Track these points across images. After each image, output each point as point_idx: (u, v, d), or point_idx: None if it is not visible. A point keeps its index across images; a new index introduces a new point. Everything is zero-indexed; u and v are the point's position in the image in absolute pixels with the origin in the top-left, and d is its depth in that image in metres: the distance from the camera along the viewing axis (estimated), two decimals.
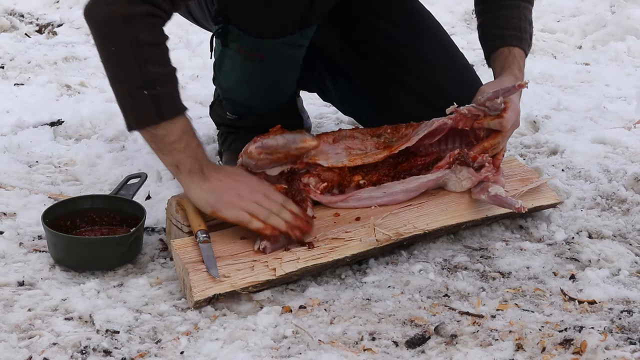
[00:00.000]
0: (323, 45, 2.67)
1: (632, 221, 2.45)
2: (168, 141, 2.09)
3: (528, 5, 2.55)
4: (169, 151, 2.10)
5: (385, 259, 2.24)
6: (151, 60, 2.05)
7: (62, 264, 2.19)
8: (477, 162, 2.34)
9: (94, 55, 3.84)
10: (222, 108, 2.67)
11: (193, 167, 2.10)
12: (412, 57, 2.59)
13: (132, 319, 1.99)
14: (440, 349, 1.89)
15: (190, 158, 2.10)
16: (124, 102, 2.12)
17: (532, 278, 2.18)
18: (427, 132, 2.34)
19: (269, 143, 2.21)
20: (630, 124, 3.10)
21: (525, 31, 2.51)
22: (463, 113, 2.35)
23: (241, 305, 2.04)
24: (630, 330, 1.96)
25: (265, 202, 2.12)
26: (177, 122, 2.09)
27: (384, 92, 2.62)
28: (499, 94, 2.33)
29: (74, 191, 2.60)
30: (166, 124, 2.08)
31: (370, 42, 2.63)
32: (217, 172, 2.15)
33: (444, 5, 4.29)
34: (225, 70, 2.50)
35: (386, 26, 2.63)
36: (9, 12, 4.41)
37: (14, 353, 1.86)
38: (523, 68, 2.48)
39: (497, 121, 2.35)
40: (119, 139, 2.97)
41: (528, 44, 2.52)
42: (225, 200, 2.11)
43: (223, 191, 2.12)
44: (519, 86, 2.32)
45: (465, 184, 2.34)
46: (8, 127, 3.03)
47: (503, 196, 2.27)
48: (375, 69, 2.63)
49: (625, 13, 4.18)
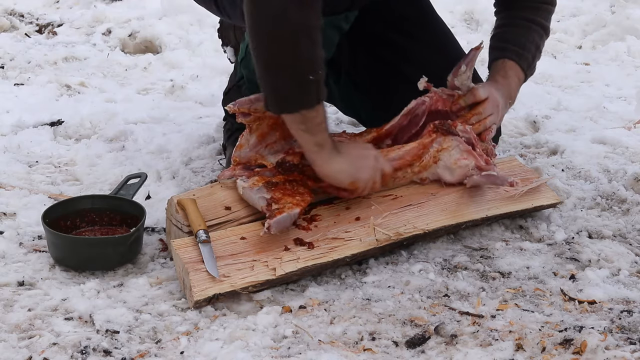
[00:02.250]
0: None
1: (632, 221, 2.45)
2: (317, 122, 2.18)
3: (540, 31, 2.58)
4: (317, 131, 2.19)
5: (385, 259, 2.24)
6: (319, 44, 2.11)
7: (62, 264, 2.19)
8: (461, 132, 2.37)
9: (93, 55, 3.87)
10: (240, 94, 2.66)
11: (332, 145, 2.22)
12: (417, 51, 2.60)
13: (132, 319, 1.99)
14: (440, 349, 1.89)
15: (329, 137, 2.22)
16: (282, 86, 2.16)
17: (532, 278, 2.18)
18: (407, 110, 2.40)
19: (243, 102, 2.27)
20: (630, 124, 3.10)
21: (527, 50, 2.54)
22: (437, 92, 2.43)
23: (241, 305, 2.04)
24: (630, 330, 1.96)
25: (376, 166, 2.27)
26: (322, 105, 2.18)
27: (386, 87, 2.62)
28: (461, 64, 2.41)
29: (74, 191, 2.60)
30: (319, 105, 2.16)
31: (375, 34, 2.64)
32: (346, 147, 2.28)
33: (444, 5, 4.28)
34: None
35: (392, 19, 2.64)
36: (9, 12, 4.41)
37: (14, 353, 1.86)
38: (511, 77, 2.52)
39: (471, 95, 2.43)
40: (119, 139, 2.97)
41: (528, 63, 2.55)
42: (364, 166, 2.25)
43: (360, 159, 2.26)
44: (476, 49, 2.41)
45: (455, 154, 2.35)
46: (8, 127, 3.03)
47: (495, 174, 2.31)
48: (379, 62, 2.63)
49: (625, 13, 4.18)
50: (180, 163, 2.76)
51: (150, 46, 3.96)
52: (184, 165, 2.76)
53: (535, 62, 2.59)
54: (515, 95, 2.56)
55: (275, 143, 2.33)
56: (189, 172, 2.71)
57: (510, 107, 2.57)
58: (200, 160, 2.80)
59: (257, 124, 2.31)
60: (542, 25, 2.59)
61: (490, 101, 2.45)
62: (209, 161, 2.79)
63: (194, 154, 2.82)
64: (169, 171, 2.72)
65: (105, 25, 4.17)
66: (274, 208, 2.14)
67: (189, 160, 2.78)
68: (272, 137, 2.32)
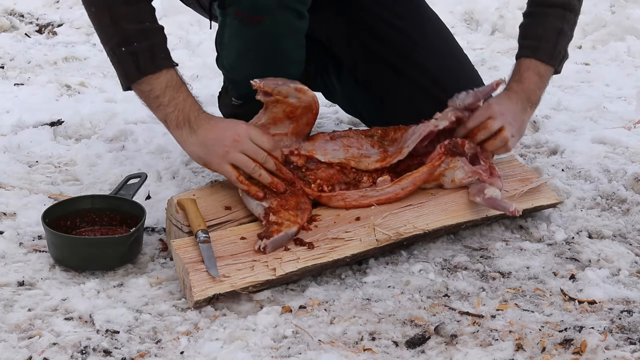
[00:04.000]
0: (329, 39, 2.68)
1: (632, 221, 2.45)
2: (153, 96, 2.15)
3: (559, 12, 2.46)
4: (156, 106, 2.16)
5: (385, 259, 2.24)
6: (125, 16, 2.12)
7: (62, 264, 2.19)
8: (467, 149, 2.34)
9: (93, 55, 3.87)
10: (228, 95, 2.68)
11: (180, 120, 2.15)
12: (418, 50, 2.60)
13: (132, 319, 1.99)
14: (440, 349, 1.89)
15: (176, 112, 2.16)
16: (111, 61, 2.20)
17: (532, 278, 2.18)
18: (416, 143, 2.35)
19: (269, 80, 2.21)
20: (630, 124, 3.10)
21: (546, 40, 2.44)
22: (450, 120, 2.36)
23: (241, 305, 2.04)
24: (630, 330, 1.96)
25: (251, 151, 2.15)
26: (160, 76, 2.15)
27: (387, 86, 2.62)
28: (479, 97, 2.36)
29: (74, 191, 2.60)
30: (149, 78, 2.14)
31: (376, 33, 2.64)
32: (207, 122, 2.18)
33: (444, 5, 4.29)
34: (225, 43, 2.48)
35: (392, 18, 2.64)
36: (9, 12, 4.41)
37: (14, 353, 1.86)
38: (526, 79, 2.43)
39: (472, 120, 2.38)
40: (119, 139, 2.97)
41: (548, 53, 2.45)
42: (213, 154, 2.15)
43: (211, 144, 2.15)
44: (496, 85, 2.36)
45: (459, 174, 2.33)
46: (8, 127, 3.03)
47: (498, 199, 2.27)
48: (380, 61, 2.63)
49: (625, 13, 4.18)
50: (180, 163, 2.76)
51: None
52: (184, 165, 2.76)
53: (561, 47, 2.46)
54: (537, 95, 2.46)
55: (285, 136, 2.30)
56: (189, 172, 2.71)
57: (533, 109, 2.47)
58: None
59: (274, 107, 2.27)
60: (562, 4, 2.46)
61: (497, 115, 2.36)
62: None
63: None
64: (169, 171, 2.72)
65: None
66: (271, 220, 2.13)
67: (189, 160, 2.78)
68: (283, 128, 2.29)
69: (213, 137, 2.15)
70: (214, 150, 2.15)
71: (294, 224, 2.14)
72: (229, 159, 2.16)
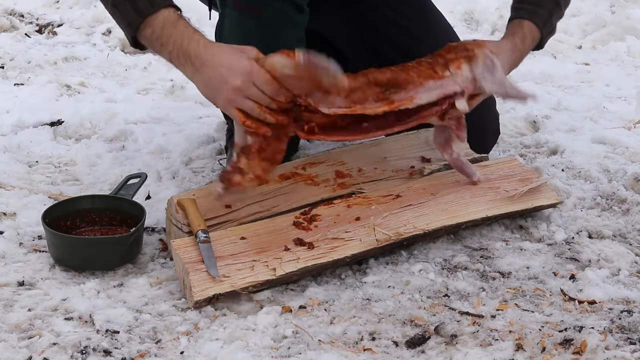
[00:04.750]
0: (333, 35, 2.69)
1: (632, 221, 2.45)
2: (155, 38, 2.11)
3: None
4: (159, 48, 2.12)
5: (385, 259, 2.24)
6: None
7: (62, 264, 2.19)
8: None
9: (93, 55, 3.87)
10: None
11: (181, 57, 2.11)
12: (421, 48, 2.60)
13: (132, 319, 1.99)
14: (440, 349, 1.89)
15: (175, 49, 2.11)
16: (115, 18, 2.17)
17: (532, 278, 2.18)
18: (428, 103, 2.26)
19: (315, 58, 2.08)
20: (630, 124, 3.10)
21: (543, 7, 2.43)
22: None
23: (241, 305, 2.04)
24: (630, 330, 1.96)
25: (255, 96, 2.09)
26: (158, 16, 2.11)
27: None
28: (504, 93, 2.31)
29: (74, 191, 2.60)
30: (149, 21, 2.11)
31: (379, 30, 2.64)
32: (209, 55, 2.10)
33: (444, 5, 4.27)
34: (225, 35, 2.48)
35: (395, 16, 2.64)
36: (9, 12, 4.41)
37: (14, 353, 1.86)
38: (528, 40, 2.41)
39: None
40: (119, 139, 2.97)
41: (544, 19, 2.43)
42: (218, 97, 2.10)
43: (215, 86, 2.09)
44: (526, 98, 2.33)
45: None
46: (8, 127, 3.03)
47: (464, 162, 2.27)
48: (383, 58, 2.63)
49: (625, 13, 4.18)
50: (180, 163, 2.77)
51: None
52: (184, 165, 2.76)
53: (554, 19, 2.46)
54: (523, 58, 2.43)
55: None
56: (189, 172, 2.71)
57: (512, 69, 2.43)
58: (200, 160, 2.80)
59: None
60: None
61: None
62: (209, 161, 2.79)
63: (194, 154, 2.82)
64: (169, 171, 2.72)
65: (105, 25, 4.17)
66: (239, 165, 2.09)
67: (189, 160, 2.79)
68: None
69: (217, 77, 2.09)
70: (218, 94, 2.10)
71: (255, 179, 2.11)
72: (235, 104, 2.11)
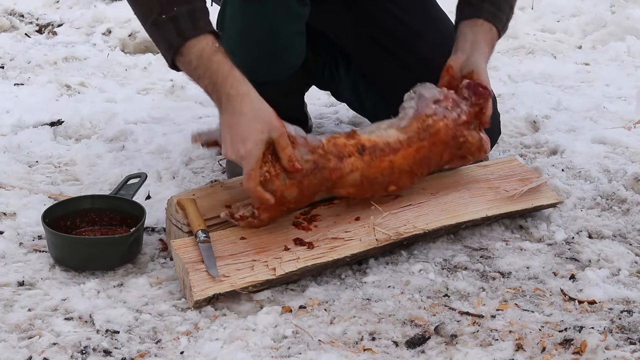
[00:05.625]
0: (336, 34, 2.69)
1: (632, 221, 2.45)
2: (192, 68, 2.06)
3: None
4: (196, 79, 2.08)
5: (385, 259, 2.24)
6: None
7: (62, 264, 2.19)
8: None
9: (93, 55, 3.87)
10: None
11: (213, 94, 2.07)
12: (424, 45, 2.61)
13: (132, 319, 1.99)
14: (440, 349, 1.89)
15: (211, 85, 2.06)
16: (154, 38, 2.10)
17: (532, 278, 2.18)
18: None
19: None
20: (630, 124, 3.10)
21: (502, 11, 2.44)
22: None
23: (241, 305, 2.04)
24: (630, 330, 1.96)
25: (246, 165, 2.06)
26: (196, 44, 2.05)
27: (393, 80, 2.62)
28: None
29: (74, 191, 2.60)
30: (189, 45, 2.04)
31: (382, 27, 2.64)
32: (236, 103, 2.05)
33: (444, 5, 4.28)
34: (227, 24, 2.46)
35: (399, 12, 2.64)
36: (9, 12, 4.41)
37: (14, 353, 1.86)
38: (492, 47, 2.43)
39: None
40: (119, 139, 2.97)
41: (503, 25, 2.45)
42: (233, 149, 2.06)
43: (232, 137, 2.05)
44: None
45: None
46: (8, 127, 3.03)
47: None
48: (387, 55, 2.64)
49: (625, 13, 4.18)
50: (180, 163, 2.77)
51: (150, 46, 3.96)
52: (184, 165, 2.76)
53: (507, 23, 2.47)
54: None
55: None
56: (189, 172, 2.71)
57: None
58: (200, 160, 2.80)
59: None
60: None
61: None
62: (209, 161, 2.79)
63: (194, 154, 2.82)
64: (169, 171, 2.72)
65: (105, 25, 4.18)
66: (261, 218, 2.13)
67: (189, 160, 2.79)
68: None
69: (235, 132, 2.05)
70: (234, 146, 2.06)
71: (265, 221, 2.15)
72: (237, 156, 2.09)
